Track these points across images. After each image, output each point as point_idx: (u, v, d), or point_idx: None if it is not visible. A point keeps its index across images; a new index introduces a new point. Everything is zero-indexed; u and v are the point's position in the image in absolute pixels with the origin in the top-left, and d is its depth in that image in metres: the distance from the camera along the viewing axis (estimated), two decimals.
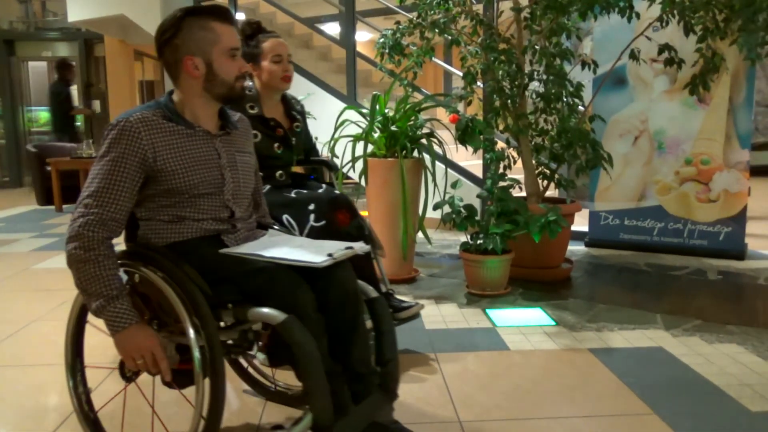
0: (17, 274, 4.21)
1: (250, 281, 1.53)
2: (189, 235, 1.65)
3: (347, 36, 5.83)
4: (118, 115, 1.61)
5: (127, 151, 1.54)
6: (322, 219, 2.30)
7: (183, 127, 1.65)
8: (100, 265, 1.48)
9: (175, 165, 1.60)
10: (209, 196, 1.66)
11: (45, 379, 2.47)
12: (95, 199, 1.52)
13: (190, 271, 1.55)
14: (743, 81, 4.14)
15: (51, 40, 10.55)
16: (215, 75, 1.64)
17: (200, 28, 1.62)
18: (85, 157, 7.27)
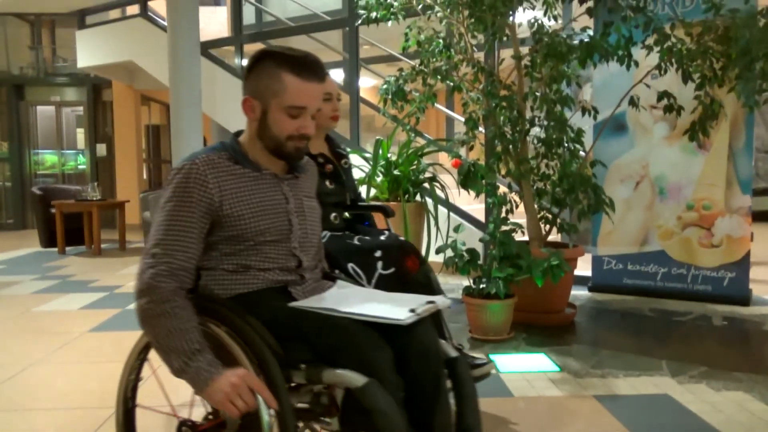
0: (17, 316, 4.18)
1: (324, 339, 1.39)
2: (255, 286, 1.53)
3: (351, 82, 5.93)
4: (181, 158, 1.50)
5: (194, 195, 1.44)
6: (390, 266, 2.14)
7: (249, 170, 1.54)
8: (176, 318, 1.36)
9: (242, 210, 1.49)
10: (275, 244, 1.54)
11: (42, 424, 2.43)
12: (163, 248, 1.41)
13: (258, 327, 1.42)
14: (742, 127, 4.18)
15: (60, 85, 10.75)
16: (267, 126, 1.52)
17: (269, 74, 1.49)
18: (90, 200, 7.32)
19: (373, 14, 3.98)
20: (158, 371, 1.65)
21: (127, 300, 4.67)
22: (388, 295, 1.62)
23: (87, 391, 2.78)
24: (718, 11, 3.37)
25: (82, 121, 10.84)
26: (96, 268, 6.21)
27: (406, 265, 2.18)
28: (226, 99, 6.91)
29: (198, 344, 1.36)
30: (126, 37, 8.12)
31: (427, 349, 1.45)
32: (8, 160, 10.57)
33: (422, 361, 1.44)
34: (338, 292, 1.63)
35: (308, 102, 1.51)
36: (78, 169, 11.00)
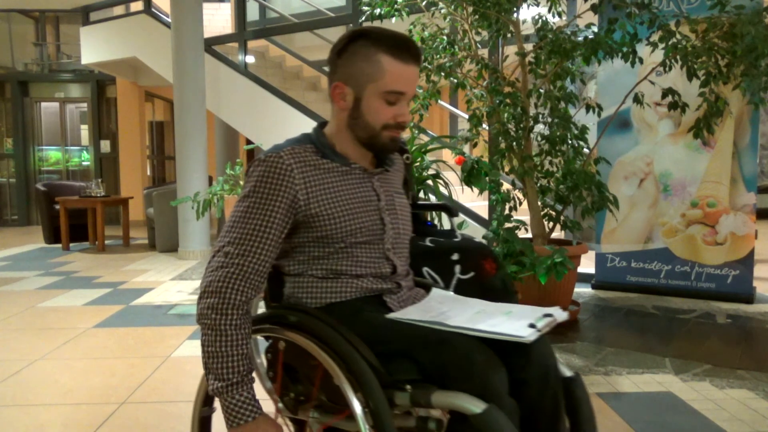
0: (22, 313, 4.20)
1: (431, 356, 1.23)
2: (348, 295, 1.37)
3: None
4: (266, 149, 1.36)
5: (276, 191, 1.30)
6: (469, 270, 1.92)
7: (338, 164, 1.39)
8: (226, 338, 1.25)
9: (331, 208, 1.34)
10: (367, 246, 1.39)
11: (47, 419, 2.44)
12: (237, 247, 1.28)
13: (357, 342, 1.26)
14: (747, 125, 4.16)
15: (64, 81, 10.77)
16: (360, 114, 1.36)
17: (364, 57, 1.33)
18: (94, 196, 7.33)
19: (376, 11, 3.97)
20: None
21: (131, 296, 4.69)
22: (495, 305, 1.44)
23: (91, 387, 2.79)
24: (723, 8, 3.35)
25: (86, 118, 10.86)
26: (100, 265, 6.22)
27: (485, 268, 1.97)
28: (230, 95, 6.91)
29: (239, 376, 1.25)
30: (130, 34, 8.12)
31: (547, 370, 1.30)
32: (13, 157, 10.60)
33: (542, 383, 1.29)
34: (437, 302, 1.47)
35: (407, 87, 1.36)
36: (82, 165, 11.02)
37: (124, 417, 2.45)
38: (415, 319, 1.31)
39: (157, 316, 4.06)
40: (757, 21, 3.23)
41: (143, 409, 2.55)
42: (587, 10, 3.74)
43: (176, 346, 3.40)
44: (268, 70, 7.75)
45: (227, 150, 8.67)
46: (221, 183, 4.56)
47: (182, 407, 2.56)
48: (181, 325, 3.84)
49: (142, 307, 4.33)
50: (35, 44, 10.90)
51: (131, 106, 10.47)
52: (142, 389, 2.76)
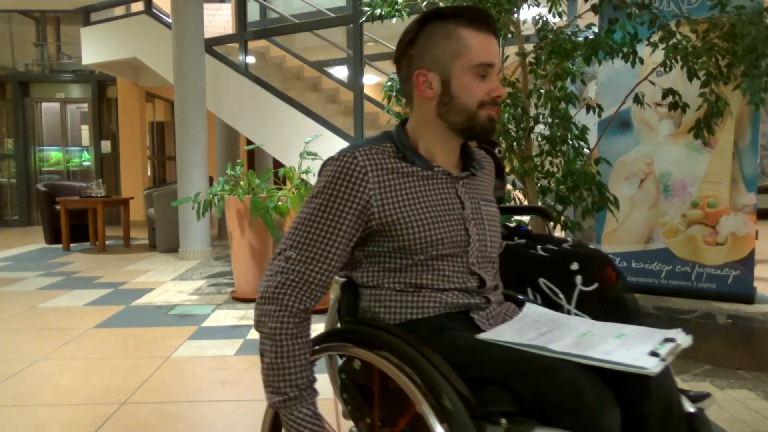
0: (22, 313, 4.20)
1: (531, 386, 1.06)
2: (431, 311, 1.24)
3: (355, 79, 5.93)
4: (340, 149, 1.25)
5: (347, 194, 1.19)
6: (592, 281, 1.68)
7: (419, 168, 1.26)
8: (283, 350, 1.16)
9: (409, 217, 1.21)
10: (450, 259, 1.26)
11: (47, 420, 2.44)
12: (300, 252, 1.18)
13: (443, 366, 1.10)
14: (748, 125, 4.16)
15: (65, 81, 10.78)
16: (452, 97, 1.23)
17: (443, 35, 1.22)
18: (94, 197, 7.34)
19: (377, 11, 3.97)
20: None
21: (132, 296, 4.69)
22: (602, 325, 1.24)
23: (92, 387, 2.79)
24: (723, 8, 3.35)
25: (87, 118, 10.87)
26: (100, 265, 6.22)
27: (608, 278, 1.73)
28: (230, 96, 6.91)
29: (298, 390, 1.16)
30: (131, 34, 8.13)
31: (669, 405, 1.12)
32: (13, 157, 10.61)
33: (663, 422, 1.11)
34: (533, 319, 1.30)
35: (494, 58, 1.24)
36: (83, 165, 11.03)
37: (125, 417, 2.45)
38: (511, 341, 1.14)
39: (158, 317, 4.06)
40: (758, 21, 3.23)
41: (144, 409, 2.55)
42: (588, 11, 3.74)
43: (177, 346, 3.40)
44: (269, 70, 7.76)
45: (228, 150, 8.67)
46: (222, 183, 4.56)
47: (183, 407, 2.56)
48: (181, 325, 3.85)
49: (143, 308, 4.33)
50: (36, 45, 10.91)
51: (132, 106, 10.48)
52: (143, 390, 2.76)
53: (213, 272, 5.67)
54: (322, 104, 7.26)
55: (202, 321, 3.94)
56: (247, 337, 3.58)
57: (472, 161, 1.34)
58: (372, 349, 1.17)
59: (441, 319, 1.23)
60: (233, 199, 4.37)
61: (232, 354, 3.27)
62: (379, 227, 1.21)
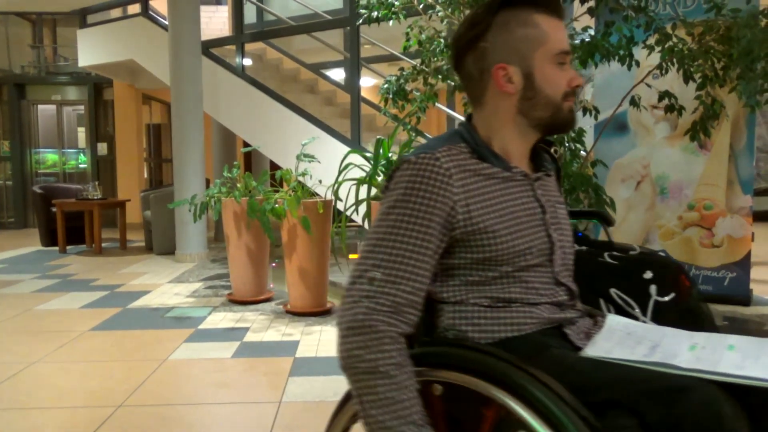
0: (18, 316, 4.19)
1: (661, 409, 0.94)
2: (527, 328, 1.12)
3: (352, 81, 5.93)
4: (415, 149, 1.13)
5: (431, 200, 1.06)
6: (669, 290, 1.56)
7: (499, 169, 1.14)
8: (392, 382, 0.99)
9: (496, 224, 1.10)
10: (538, 269, 1.15)
11: (43, 423, 2.44)
12: (386, 272, 1.03)
13: (561, 390, 0.97)
14: (743, 127, 4.18)
15: (61, 84, 10.76)
16: (537, 90, 1.13)
17: (520, 23, 1.12)
18: (91, 199, 7.32)
19: (374, 13, 3.98)
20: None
21: (128, 299, 4.68)
22: (704, 336, 1.15)
23: (88, 390, 2.78)
24: (719, 11, 3.36)
25: (83, 120, 10.85)
26: (97, 267, 6.21)
27: (683, 286, 1.60)
28: (227, 98, 6.91)
29: (414, 428, 0.99)
30: (127, 36, 8.12)
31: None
32: (9, 159, 10.58)
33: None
34: (624, 332, 1.18)
35: (568, 44, 1.15)
36: (79, 168, 11.01)
37: (121, 420, 2.44)
38: (624, 358, 1.03)
39: (155, 319, 4.05)
40: (753, 24, 3.24)
41: (140, 412, 2.54)
42: (584, 14, 3.75)
43: (173, 349, 3.40)
44: (266, 72, 7.76)
45: (224, 153, 8.66)
46: (218, 185, 4.56)
47: (179, 410, 2.56)
48: (178, 328, 3.84)
49: (139, 310, 4.32)
50: (32, 47, 10.89)
51: (128, 108, 10.47)
52: (139, 392, 2.75)
53: (210, 274, 5.66)
54: (318, 106, 7.26)
55: (199, 323, 3.94)
56: (244, 339, 3.57)
57: (543, 160, 1.24)
58: (469, 374, 1.02)
59: (537, 337, 1.12)
60: (230, 202, 4.37)
61: (229, 356, 3.26)
62: (462, 236, 1.09)
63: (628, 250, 1.65)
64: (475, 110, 1.20)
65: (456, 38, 1.18)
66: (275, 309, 4.32)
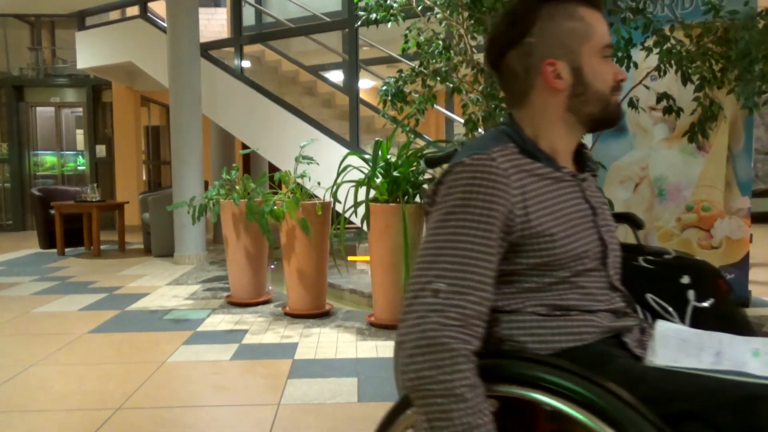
0: (17, 318, 4.18)
1: (742, 418, 0.90)
2: (589, 337, 1.06)
3: (350, 83, 5.93)
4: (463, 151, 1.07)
5: (491, 204, 1.00)
6: (707, 296, 1.49)
7: (550, 169, 1.09)
8: (469, 406, 0.91)
9: (554, 227, 1.05)
10: (593, 274, 1.10)
11: (41, 425, 2.43)
12: (451, 283, 0.96)
13: (636, 403, 0.91)
14: (742, 129, 4.18)
15: (59, 86, 10.75)
16: (586, 85, 1.10)
17: (565, 17, 1.09)
18: (89, 201, 7.32)
19: (372, 15, 3.98)
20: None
21: (127, 301, 4.67)
22: (760, 340, 1.12)
23: (86, 393, 2.78)
24: (717, 13, 3.37)
25: (82, 123, 10.84)
26: (95, 270, 6.20)
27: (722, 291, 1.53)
28: (226, 100, 6.91)
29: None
30: (126, 39, 8.12)
31: None
32: (8, 161, 10.57)
33: None
34: (680, 338, 1.13)
35: (610, 37, 1.13)
36: (77, 170, 11.00)
37: (120, 423, 2.44)
38: (693, 367, 0.99)
39: (153, 322, 4.05)
40: (751, 26, 3.25)
41: (138, 414, 2.54)
42: None
43: (172, 351, 3.39)
44: (264, 74, 7.76)
45: (223, 155, 8.66)
46: (217, 187, 4.56)
47: (178, 413, 2.55)
48: (176, 330, 3.83)
49: (138, 313, 4.31)
50: (30, 49, 10.88)
51: (127, 110, 10.46)
52: (138, 395, 2.75)
53: (208, 277, 5.65)
54: (317, 108, 7.26)
55: (198, 326, 3.93)
56: (243, 341, 3.57)
57: (587, 159, 1.19)
58: (543, 390, 0.95)
59: (600, 347, 1.06)
60: (228, 204, 4.37)
61: (228, 359, 3.26)
62: (519, 240, 1.03)
63: (663, 253, 1.58)
64: (517, 109, 1.15)
65: (494, 35, 1.14)
66: (274, 311, 4.31)
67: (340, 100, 7.69)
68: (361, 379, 2.91)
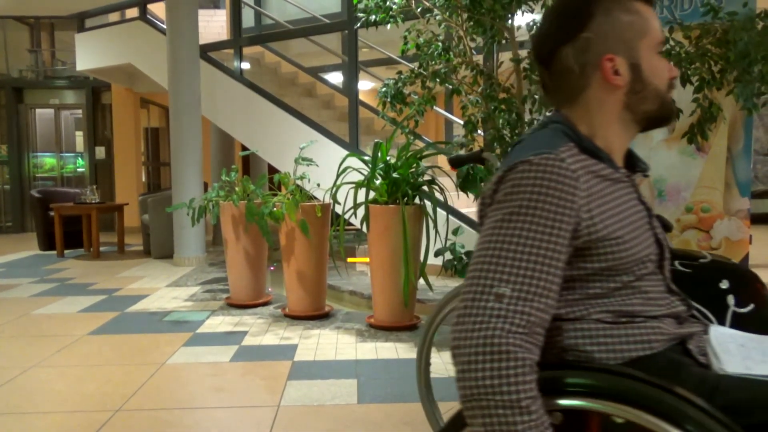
0: (16, 320, 4.18)
1: None
2: (657, 345, 1.01)
3: (350, 85, 5.93)
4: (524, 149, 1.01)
5: (561, 208, 0.94)
6: (748, 302, 1.46)
7: (612, 170, 1.04)
8: (532, 419, 0.85)
9: (618, 229, 1.00)
10: (653, 278, 1.06)
11: (41, 427, 2.43)
12: (517, 288, 0.91)
13: (717, 413, 0.86)
14: (741, 130, 4.19)
15: (59, 88, 10.75)
16: (645, 82, 1.06)
17: (622, 10, 1.05)
18: (89, 203, 7.31)
19: (372, 17, 3.98)
20: None
21: (126, 303, 4.67)
22: None
23: (86, 395, 2.78)
24: (716, 14, 3.37)
25: (81, 124, 10.84)
26: (95, 271, 6.20)
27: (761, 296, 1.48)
28: (225, 102, 6.91)
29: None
30: (125, 40, 8.12)
31: None
32: (7, 163, 10.57)
33: None
34: (738, 343, 1.09)
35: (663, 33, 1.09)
36: (77, 171, 11.00)
37: (119, 424, 2.44)
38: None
39: (152, 323, 4.05)
40: (750, 27, 3.25)
41: (138, 416, 2.54)
42: None
43: (171, 353, 3.39)
44: (264, 76, 7.76)
45: (222, 156, 8.66)
46: (216, 189, 4.56)
47: (177, 414, 2.55)
48: (176, 332, 3.83)
49: (137, 314, 4.31)
50: (30, 51, 10.88)
51: (126, 112, 10.46)
52: (137, 396, 2.75)
53: (208, 278, 5.65)
54: (317, 110, 7.27)
55: (197, 327, 3.93)
56: (242, 343, 3.57)
57: (637, 159, 1.14)
58: (620, 401, 0.89)
59: (670, 354, 1.01)
60: (228, 205, 4.37)
61: (227, 360, 3.26)
62: (585, 245, 0.98)
63: (698, 257, 1.53)
64: (568, 107, 1.09)
65: (546, 30, 1.09)
66: (273, 312, 4.31)
67: (339, 102, 7.70)
68: (360, 381, 2.91)
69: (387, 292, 3.76)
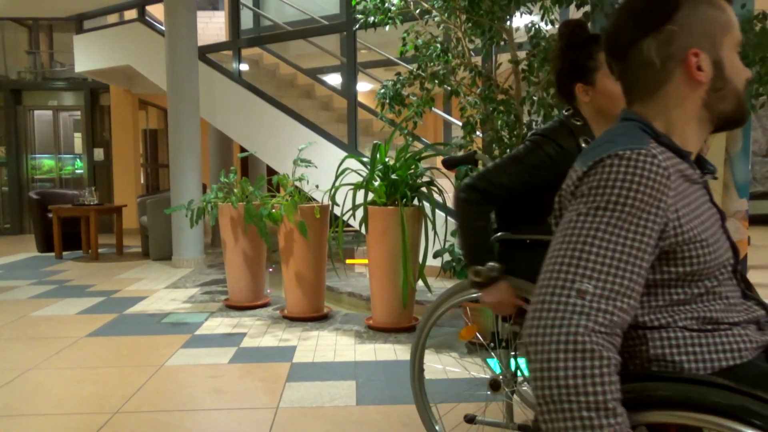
0: (14, 322, 4.17)
1: None
2: (747, 354, 0.96)
3: (348, 86, 5.94)
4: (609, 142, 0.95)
5: (651, 207, 0.90)
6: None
7: (693, 170, 1.00)
8: (618, 422, 0.80)
9: (703, 231, 0.95)
10: (729, 282, 1.01)
11: (39, 429, 2.42)
12: (601, 285, 0.86)
13: None
14: (739, 131, 4.18)
15: (57, 89, 10.75)
16: (726, 80, 1.00)
17: (709, 5, 0.99)
18: (87, 205, 7.31)
19: (370, 19, 3.98)
20: None
21: (125, 305, 4.66)
22: None
23: (84, 397, 2.77)
24: None
25: (80, 126, 10.83)
26: (93, 273, 6.19)
27: None
28: (224, 103, 6.91)
29: None
30: (124, 42, 8.12)
31: None
32: (5, 165, 10.56)
33: None
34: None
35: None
36: (75, 173, 10.99)
37: (118, 426, 2.43)
38: None
39: (151, 325, 4.04)
40: (748, 29, 3.26)
41: (136, 418, 2.53)
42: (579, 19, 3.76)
43: (170, 354, 3.39)
44: (262, 78, 7.76)
45: (221, 158, 8.66)
46: (215, 191, 4.55)
47: (175, 416, 2.55)
48: (174, 333, 3.83)
49: (136, 316, 4.31)
50: (28, 52, 10.88)
51: (125, 114, 10.46)
52: (136, 398, 2.74)
53: (206, 280, 5.64)
54: (315, 111, 7.26)
55: (196, 329, 3.93)
56: (241, 345, 3.57)
57: (705, 161, 1.09)
58: (719, 414, 0.84)
59: (758, 363, 0.96)
60: (227, 207, 4.37)
61: (226, 362, 3.26)
62: (671, 247, 0.93)
63: None
64: (643, 102, 1.03)
65: (624, 20, 1.03)
66: (272, 314, 4.31)
67: (338, 103, 7.70)
68: (359, 382, 2.91)
69: (386, 293, 3.76)
